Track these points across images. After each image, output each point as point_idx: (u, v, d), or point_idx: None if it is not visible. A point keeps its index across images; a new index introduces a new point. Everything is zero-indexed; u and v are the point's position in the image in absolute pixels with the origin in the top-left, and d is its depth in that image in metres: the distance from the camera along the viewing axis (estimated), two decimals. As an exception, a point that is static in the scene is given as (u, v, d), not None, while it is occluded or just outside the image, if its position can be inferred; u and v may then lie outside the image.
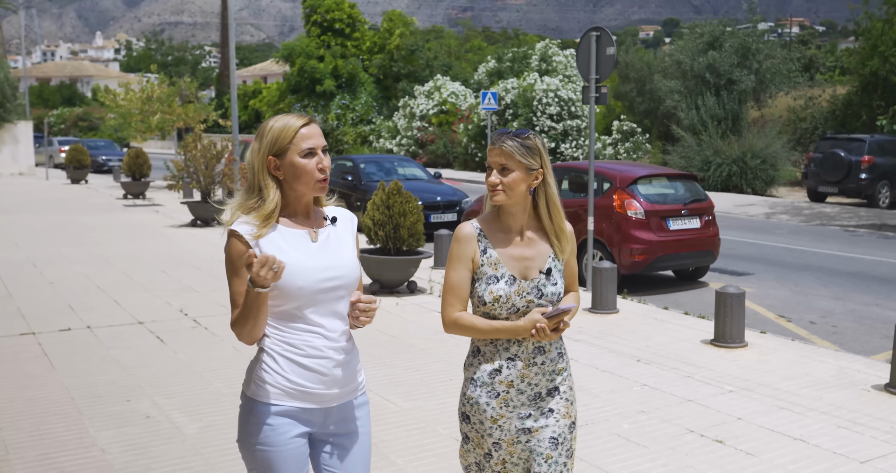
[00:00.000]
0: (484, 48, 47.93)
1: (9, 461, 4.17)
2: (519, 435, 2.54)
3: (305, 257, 2.32)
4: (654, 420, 4.91)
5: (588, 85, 8.69)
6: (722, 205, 18.26)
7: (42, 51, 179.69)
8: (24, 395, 5.21)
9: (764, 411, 5.09)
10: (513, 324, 2.48)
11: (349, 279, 2.38)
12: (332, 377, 2.35)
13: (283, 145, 2.31)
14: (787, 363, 6.17)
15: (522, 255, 2.55)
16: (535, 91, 26.19)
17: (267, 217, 2.31)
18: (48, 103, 62.70)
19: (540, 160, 2.52)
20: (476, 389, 2.55)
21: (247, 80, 54.42)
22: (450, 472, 4.08)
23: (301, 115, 2.37)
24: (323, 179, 2.37)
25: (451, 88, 31.74)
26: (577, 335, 6.95)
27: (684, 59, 23.47)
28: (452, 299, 2.55)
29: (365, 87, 39.22)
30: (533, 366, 2.53)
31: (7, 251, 11.35)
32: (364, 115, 38.61)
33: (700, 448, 4.47)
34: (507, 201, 2.51)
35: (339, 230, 2.47)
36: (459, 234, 2.57)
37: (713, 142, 21.00)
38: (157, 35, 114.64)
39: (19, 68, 75.09)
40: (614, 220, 9.15)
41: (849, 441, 4.61)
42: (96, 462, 4.17)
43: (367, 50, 40.19)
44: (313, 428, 2.39)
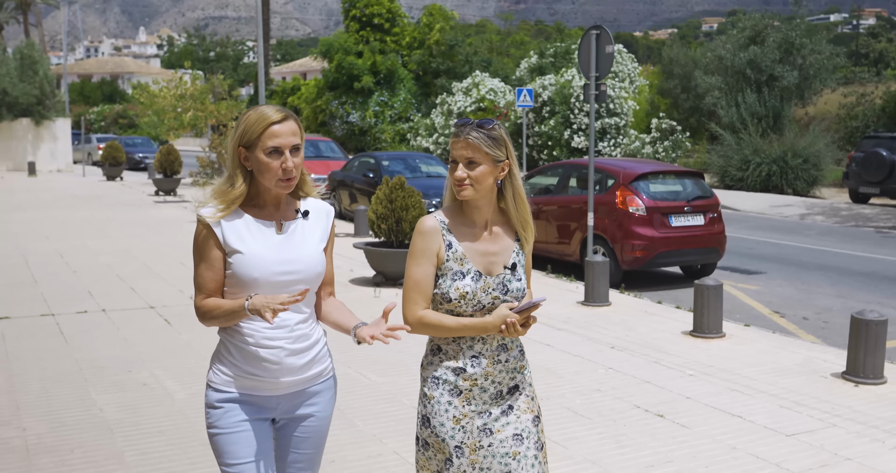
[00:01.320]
0: (527, 43, 48.47)
1: (19, 416, 4.98)
2: (481, 437, 2.57)
3: (264, 249, 2.44)
4: (607, 398, 5.51)
5: (588, 82, 9.29)
6: (757, 206, 18.56)
7: (86, 47, 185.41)
8: (38, 365, 6.03)
9: (714, 392, 5.65)
10: (482, 321, 2.50)
11: (308, 274, 2.48)
12: (285, 366, 2.47)
13: (252, 139, 2.41)
14: (757, 353, 6.69)
15: (487, 250, 2.57)
16: (573, 87, 26.67)
17: (230, 203, 2.44)
18: (89, 100, 65.04)
19: (506, 151, 2.53)
20: (437, 388, 2.57)
21: (286, 76, 55.85)
22: (402, 435, 4.75)
23: (280, 109, 2.44)
24: (285, 178, 2.43)
25: (489, 85, 32.35)
26: (562, 324, 7.55)
27: (725, 54, 23.73)
28: (416, 296, 2.53)
29: (404, 83, 40.04)
30: (497, 364, 2.58)
31: (38, 243, 12.36)
32: (402, 112, 39.44)
33: (639, 421, 5.06)
34: (475, 195, 2.52)
35: (309, 224, 2.56)
36: (423, 227, 2.55)
37: (753, 140, 21.25)
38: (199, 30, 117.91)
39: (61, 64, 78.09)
40: (616, 216, 9.71)
41: (784, 418, 5.15)
42: (93, 419, 4.95)
43: (406, 45, 41.02)
44: (271, 414, 2.53)
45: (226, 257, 2.46)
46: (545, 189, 11.11)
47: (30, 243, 12.28)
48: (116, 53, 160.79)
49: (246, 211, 2.49)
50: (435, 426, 2.56)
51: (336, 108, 39.89)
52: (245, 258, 2.42)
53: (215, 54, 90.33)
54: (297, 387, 2.52)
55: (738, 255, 12.17)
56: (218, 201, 2.44)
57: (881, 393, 5.68)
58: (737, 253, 12.29)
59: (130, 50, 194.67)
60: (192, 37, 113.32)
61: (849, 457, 4.52)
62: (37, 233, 13.56)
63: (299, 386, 2.53)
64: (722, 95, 23.34)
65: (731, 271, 11.03)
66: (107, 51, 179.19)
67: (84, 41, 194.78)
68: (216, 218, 2.42)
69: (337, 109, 39.85)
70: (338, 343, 4.61)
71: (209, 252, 2.45)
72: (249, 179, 2.47)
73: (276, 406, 2.52)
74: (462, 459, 2.54)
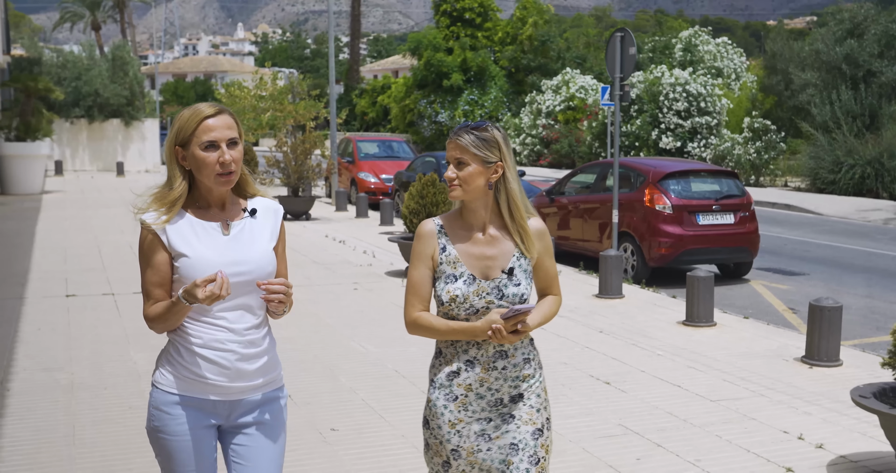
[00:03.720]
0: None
1: (70, 365, 6.58)
2: (479, 442, 2.76)
3: (211, 251, 2.61)
4: (569, 369, 6.69)
5: (613, 83, 10.42)
6: (842, 210, 19.00)
7: (183, 44, 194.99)
8: (92, 331, 7.68)
9: (671, 368, 6.74)
10: (469, 325, 2.69)
11: (258, 274, 2.64)
12: (236, 371, 2.63)
13: (186, 136, 2.58)
14: (736, 340, 7.70)
15: (483, 253, 2.78)
16: (662, 85, 27.40)
17: (170, 205, 2.61)
18: (182, 100, 69.21)
19: (499, 153, 2.74)
20: (435, 391, 2.80)
21: (378, 74, 58.14)
22: (377, 389, 6.08)
23: (213, 105, 2.62)
24: (224, 172, 2.59)
25: (580, 82, 33.30)
26: (568, 313, 8.71)
27: (822, 48, 24.04)
28: (413, 298, 2.80)
29: (495, 81, 41.37)
30: (493, 371, 2.75)
31: (113, 236, 14.30)
32: (493, 111, 40.74)
33: (585, 386, 6.24)
34: (465, 196, 2.76)
35: (257, 223, 2.72)
36: (420, 231, 2.82)
37: (846, 141, 21.56)
38: (299, 25, 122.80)
39: (161, 62, 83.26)
40: (644, 214, 10.77)
41: (720, 389, 6.21)
42: (127, 369, 6.50)
43: (498, 41, 42.37)
44: (219, 420, 2.69)
45: (172, 261, 2.62)
46: (584, 187, 12.24)
47: (106, 236, 14.23)
48: (213, 51, 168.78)
49: (190, 213, 2.65)
50: (433, 428, 2.80)
51: (424, 107, 41.50)
52: (191, 261, 2.58)
53: (311, 51, 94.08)
54: (247, 394, 2.68)
55: (788, 257, 12.93)
56: (158, 205, 2.61)
57: (829, 373, 6.65)
58: (787, 255, 13.06)
59: (228, 47, 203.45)
60: (287, 33, 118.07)
61: (754, 418, 5.58)
62: (114, 228, 15.56)
63: (249, 393, 2.68)
64: (816, 93, 23.67)
65: (772, 272, 11.86)
66: (204, 48, 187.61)
67: (182, 39, 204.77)
68: (160, 223, 2.59)
69: (425, 108, 41.45)
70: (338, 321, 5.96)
71: (154, 257, 2.61)
72: (190, 180, 2.64)
73: (223, 413, 2.68)
74: (459, 461, 2.77)
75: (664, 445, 5.09)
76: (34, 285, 9.76)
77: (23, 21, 79.15)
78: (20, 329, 7.71)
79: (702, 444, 5.11)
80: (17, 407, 5.61)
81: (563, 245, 12.28)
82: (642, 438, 5.20)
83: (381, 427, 5.33)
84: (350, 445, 4.97)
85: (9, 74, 27.78)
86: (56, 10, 72.81)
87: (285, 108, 25.10)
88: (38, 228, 15.10)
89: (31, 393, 5.90)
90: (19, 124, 22.34)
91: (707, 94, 27.13)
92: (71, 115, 32.29)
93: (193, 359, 2.61)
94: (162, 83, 73.80)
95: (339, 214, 18.15)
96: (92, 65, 32.45)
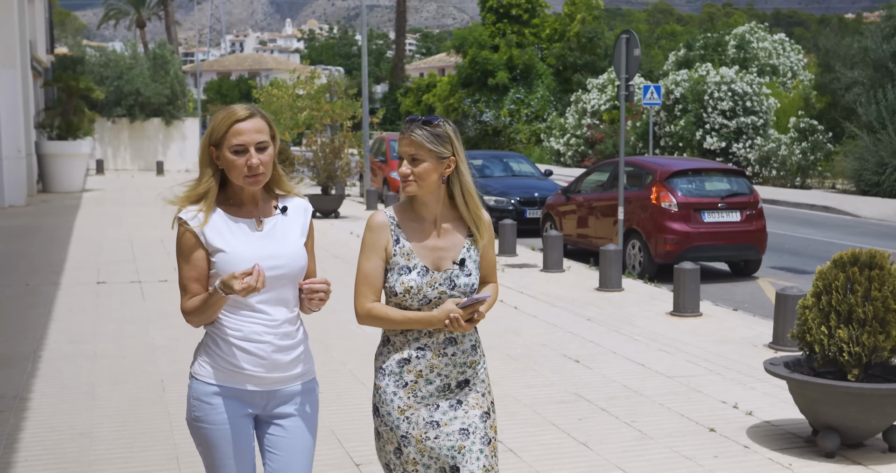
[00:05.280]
0: (677, 33, 49.55)
1: (94, 340, 7.72)
2: (427, 429, 2.99)
3: (246, 246, 2.88)
4: (546, 350, 7.62)
5: (620, 84, 11.32)
6: (882, 212, 19.52)
7: (230, 41, 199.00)
8: (118, 313, 8.83)
9: (642, 350, 7.62)
10: (426, 315, 2.94)
11: (292, 268, 2.92)
12: (272, 362, 2.90)
13: (219, 137, 2.87)
14: (717, 328, 8.53)
15: (436, 245, 3.02)
16: (707, 84, 28.00)
17: (198, 199, 2.91)
18: (226, 99, 71.22)
19: (451, 148, 2.96)
20: (384, 378, 3.03)
21: (423, 72, 59.37)
22: (367, 364, 7.08)
23: (247, 107, 2.89)
24: (251, 175, 2.85)
25: (626, 81, 33.96)
26: (564, 304, 9.62)
27: (871, 45, 24.47)
28: (366, 289, 3.00)
29: (542, 79, 42.21)
30: (443, 357, 3.00)
31: (145, 232, 15.56)
32: (540, 111, 41.57)
33: (556, 363, 7.17)
34: (419, 191, 2.97)
35: (288, 220, 3.00)
36: (372, 223, 3.02)
37: (892, 141, 21.99)
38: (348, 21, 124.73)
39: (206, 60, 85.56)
40: (650, 211, 11.62)
41: (679, 367, 7.09)
42: (145, 342, 7.62)
43: (546, 38, 43.21)
44: (256, 410, 2.96)
45: (209, 256, 2.89)
46: (598, 186, 13.12)
47: (139, 232, 15.50)
48: (260, 48, 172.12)
49: (224, 210, 2.93)
50: (383, 415, 3.02)
51: (468, 106, 42.44)
52: (228, 256, 2.85)
53: (358, 49, 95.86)
54: (283, 384, 2.96)
55: (807, 257, 13.63)
56: (187, 199, 2.92)
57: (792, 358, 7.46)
58: (807, 255, 13.76)
59: (276, 44, 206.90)
60: (335, 30, 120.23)
61: (700, 391, 6.46)
62: (148, 224, 16.84)
63: (285, 383, 2.96)
64: (863, 91, 24.11)
65: (784, 270, 12.60)
66: (251, 45, 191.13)
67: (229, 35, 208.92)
68: (199, 225, 2.87)
69: (469, 107, 42.40)
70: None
71: (192, 253, 2.89)
72: (221, 177, 2.92)
73: (260, 403, 2.95)
74: (410, 448, 2.98)
75: (608, 410, 6.01)
76: (68, 274, 10.99)
77: (68, 18, 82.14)
78: (53, 310, 8.90)
79: (642, 410, 6.02)
80: (46, 370, 6.75)
81: (579, 243, 13.17)
82: (591, 404, 6.12)
83: (359, 391, 6.35)
84: (329, 405, 5.99)
85: (52, 73, 29.51)
86: (101, 6, 75.30)
87: (322, 107, 26.31)
88: (76, 223, 16.45)
89: (59, 360, 7.05)
90: (61, 123, 23.86)
91: (753, 92, 27.66)
92: (113, 114, 33.95)
93: (231, 350, 2.87)
94: (206, 82, 75.97)
95: (369, 212, 19.23)
96: (134, 64, 34.08)
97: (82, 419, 5.67)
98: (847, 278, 5.11)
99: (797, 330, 5.37)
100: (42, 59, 27.19)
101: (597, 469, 4.99)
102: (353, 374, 6.77)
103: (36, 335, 7.85)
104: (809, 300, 5.28)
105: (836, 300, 5.09)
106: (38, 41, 26.38)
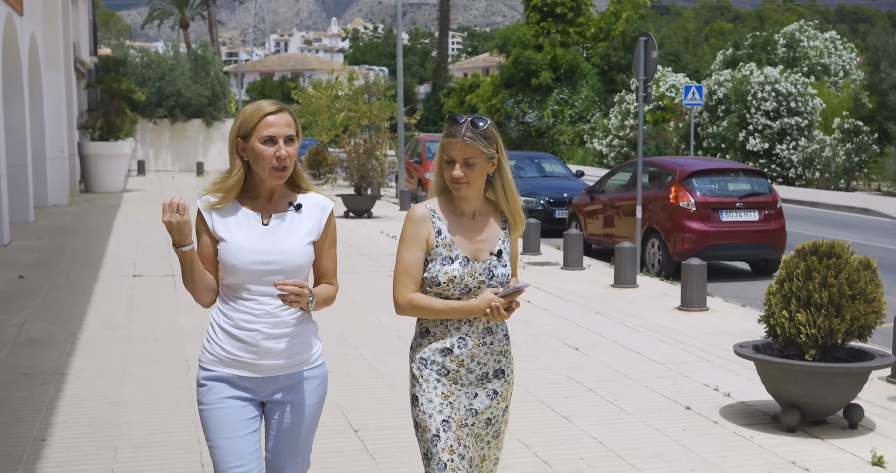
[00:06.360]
0: (726, 32, 49.72)
1: (128, 325, 8.59)
2: (467, 417, 3.21)
3: (245, 239, 3.07)
4: (550, 339, 8.31)
5: (639, 85, 11.96)
6: (922, 214, 19.83)
7: (274, 41, 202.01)
8: (150, 302, 9.70)
9: (642, 341, 8.27)
10: (468, 303, 3.13)
11: (286, 265, 3.08)
12: (263, 349, 3.09)
13: (248, 129, 3.03)
14: (719, 322, 9.13)
15: (475, 237, 3.22)
16: (750, 84, 28.35)
17: (227, 190, 3.08)
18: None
19: (496, 147, 3.17)
20: (426, 368, 3.21)
21: (468, 72, 60.14)
22: (378, 349, 7.83)
23: (274, 102, 3.08)
24: (279, 167, 3.02)
25: (670, 81, 34.37)
26: (576, 299, 10.28)
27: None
28: (406, 279, 3.18)
29: (587, 79, 42.68)
30: (483, 346, 3.21)
31: (182, 230, 16.58)
32: (584, 111, 42.05)
33: (556, 350, 7.85)
34: (471, 192, 3.18)
35: (299, 218, 3.14)
36: (413, 215, 3.19)
37: (936, 143, 22.24)
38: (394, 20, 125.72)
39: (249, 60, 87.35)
40: (669, 210, 12.24)
41: (673, 355, 7.72)
42: (175, 328, 8.46)
43: (591, 37, 43.67)
44: (255, 395, 3.15)
45: (216, 244, 3.12)
46: (621, 186, 13.75)
47: (176, 230, 16.50)
48: (306, 48, 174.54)
49: (241, 202, 3.13)
50: (423, 403, 3.19)
51: (511, 107, 43.05)
52: (228, 246, 3.08)
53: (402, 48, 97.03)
54: (280, 371, 3.14)
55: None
56: (216, 189, 3.10)
57: (782, 348, 8.06)
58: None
59: (321, 43, 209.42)
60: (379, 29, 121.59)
61: (687, 376, 7.10)
62: (185, 223, 17.88)
63: (282, 370, 3.14)
64: (909, 92, 24.35)
65: (806, 270, 13.10)
66: (296, 45, 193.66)
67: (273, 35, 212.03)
68: (210, 206, 3.09)
69: (512, 108, 43.01)
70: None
71: (199, 237, 3.13)
72: (246, 170, 3.09)
73: (258, 389, 3.14)
74: (449, 433, 3.15)
75: (595, 390, 6.68)
76: (107, 268, 11.93)
77: (112, 19, 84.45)
78: (91, 300, 9.81)
79: (627, 390, 6.68)
80: (83, 350, 7.62)
81: (604, 242, 13.81)
82: (580, 385, 6.80)
83: (368, 371, 7.11)
84: (338, 382, 6.74)
85: (95, 74, 30.81)
86: (146, 6, 77.22)
87: (360, 108, 27.20)
88: (116, 222, 17.49)
89: (95, 342, 7.92)
90: (103, 124, 25.03)
91: (798, 93, 27.95)
92: (154, 115, 35.23)
93: (225, 338, 3.10)
94: (249, 82, 77.59)
95: (402, 213, 20.00)
96: (175, 65, 35.31)
97: (114, 390, 6.50)
98: (807, 266, 5.74)
99: (764, 314, 6.00)
100: (85, 60, 28.45)
101: (572, 438, 5.68)
102: (364, 357, 7.53)
103: (75, 321, 8.74)
104: (774, 287, 5.91)
105: (796, 286, 5.72)
106: (81, 43, 27.62)
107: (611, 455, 5.40)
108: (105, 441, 5.50)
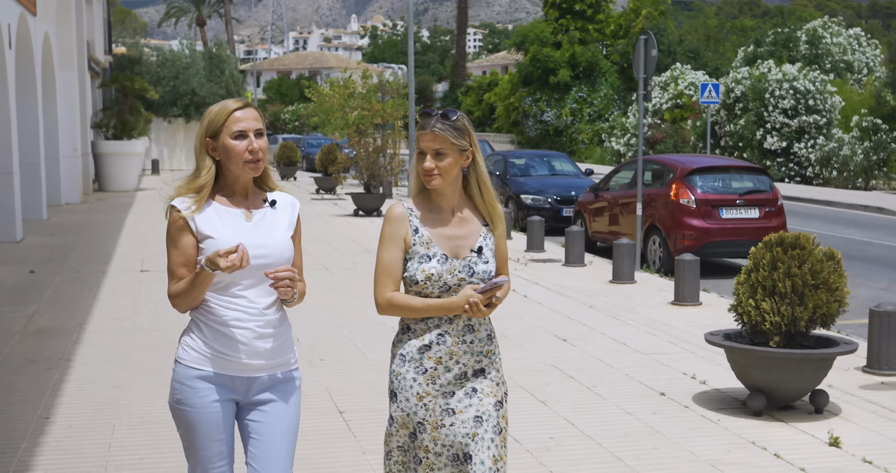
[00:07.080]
0: (748, 29, 49.88)
1: (134, 317, 9.09)
2: (443, 417, 3.22)
3: (235, 235, 3.13)
4: (541, 331, 8.73)
5: (638, 83, 12.35)
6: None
7: (293, 38, 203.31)
8: (155, 295, 10.19)
9: (629, 333, 8.68)
10: (446, 301, 3.19)
11: (278, 259, 3.16)
12: (253, 348, 3.15)
13: (217, 127, 3.13)
14: (710, 316, 9.51)
15: (454, 234, 3.27)
16: (768, 81, 28.61)
17: (198, 190, 3.16)
18: (285, 98, 73.33)
19: (469, 140, 3.22)
20: (404, 364, 3.25)
21: (486, 70, 60.58)
22: (371, 338, 8.28)
23: (239, 100, 3.21)
24: (253, 160, 3.14)
25: (689, 79, 34.66)
26: (574, 294, 10.70)
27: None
28: (386, 279, 3.24)
29: (606, 77, 43.01)
30: (462, 344, 3.25)
31: (192, 228, 17.12)
32: (603, 110, 42.37)
33: (546, 342, 8.27)
34: (443, 185, 3.22)
35: (276, 213, 3.26)
36: (391, 214, 3.26)
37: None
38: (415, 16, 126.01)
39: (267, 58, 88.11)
40: (669, 207, 12.62)
41: (657, 346, 8.13)
42: (179, 320, 8.87)
43: (610, 34, 44.01)
44: (237, 396, 3.21)
45: (198, 243, 3.14)
46: (624, 184, 14.15)
47: (186, 228, 17.04)
48: (325, 45, 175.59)
49: (216, 200, 3.20)
50: (401, 400, 3.25)
51: (529, 105, 43.42)
52: (216, 242, 3.10)
53: (421, 46, 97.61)
54: (263, 371, 3.21)
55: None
56: (186, 190, 3.17)
57: (767, 340, 8.45)
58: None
59: (340, 41, 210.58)
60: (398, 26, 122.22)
61: (668, 365, 7.51)
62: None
63: (265, 371, 3.21)
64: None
65: (808, 268, 13.44)
66: (315, 42, 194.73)
67: (292, 32, 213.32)
68: (191, 212, 3.13)
69: (530, 106, 43.38)
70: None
71: (181, 240, 3.15)
72: (217, 169, 3.18)
73: (241, 388, 3.20)
74: (424, 434, 3.21)
75: (576, 378, 7.11)
76: (115, 263, 12.47)
77: (128, 17, 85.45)
78: (99, 293, 10.33)
79: (606, 377, 7.10)
80: (89, 340, 8.13)
81: (608, 239, 14.20)
82: (562, 373, 7.23)
83: (360, 359, 7.56)
84: (329, 368, 7.20)
85: (110, 72, 31.48)
86: (162, 3, 78.01)
87: (373, 107, 27.65)
88: (128, 220, 18.08)
89: (100, 332, 8.43)
90: (117, 123, 25.63)
91: (817, 90, 28.19)
92: (168, 114, 35.88)
93: (214, 336, 3.14)
94: (266, 81, 78.34)
95: (412, 211, 20.49)
96: (190, 63, 35.94)
97: (117, 375, 6.99)
98: (773, 256, 6.13)
99: (733, 304, 6.40)
100: (100, 59, 29.09)
101: (547, 420, 6.10)
102: (358, 348, 7.98)
103: (82, 313, 9.26)
104: (742, 277, 6.31)
105: (762, 276, 6.12)
106: (96, 42, 28.27)
107: (580, 435, 5.82)
108: (105, 419, 5.99)
